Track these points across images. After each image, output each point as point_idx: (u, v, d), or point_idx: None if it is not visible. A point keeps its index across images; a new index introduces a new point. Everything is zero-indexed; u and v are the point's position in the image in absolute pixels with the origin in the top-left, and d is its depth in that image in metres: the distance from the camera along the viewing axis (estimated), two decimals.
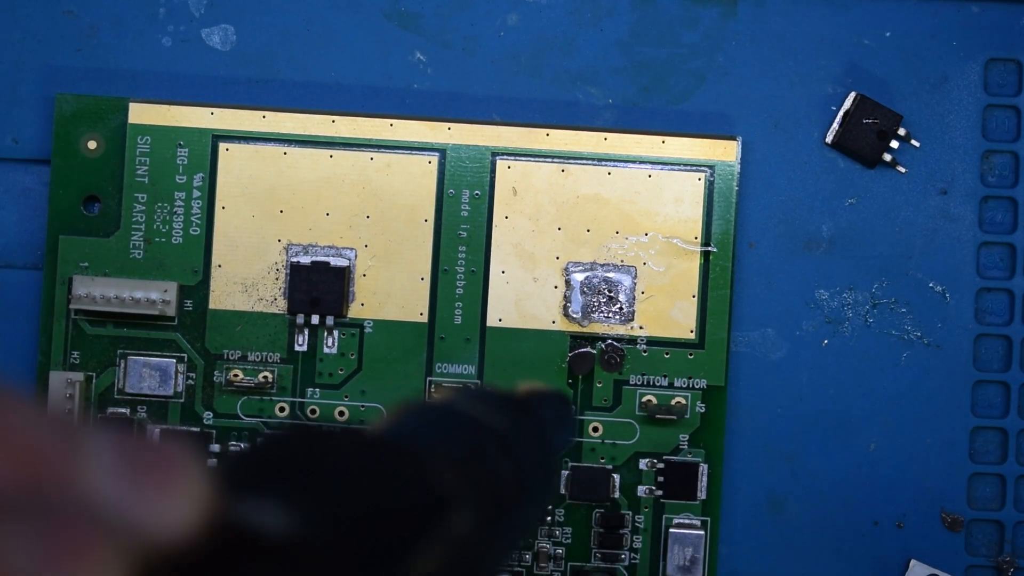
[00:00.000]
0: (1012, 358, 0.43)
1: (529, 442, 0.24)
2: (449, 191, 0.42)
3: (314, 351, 0.42)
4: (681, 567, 0.41)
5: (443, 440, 0.22)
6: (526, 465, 0.23)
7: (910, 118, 0.42)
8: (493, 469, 0.22)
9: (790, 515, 0.42)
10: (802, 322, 0.42)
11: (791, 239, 0.43)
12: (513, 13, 0.43)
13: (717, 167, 0.42)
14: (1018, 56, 0.43)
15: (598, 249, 0.41)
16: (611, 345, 0.41)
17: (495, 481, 0.22)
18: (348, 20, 0.43)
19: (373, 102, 0.43)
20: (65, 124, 0.42)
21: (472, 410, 0.23)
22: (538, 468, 0.25)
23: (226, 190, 0.42)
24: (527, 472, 0.23)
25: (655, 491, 0.42)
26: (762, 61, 0.43)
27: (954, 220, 0.43)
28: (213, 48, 0.43)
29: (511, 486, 0.22)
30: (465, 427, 0.23)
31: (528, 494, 0.23)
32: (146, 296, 0.41)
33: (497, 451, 0.23)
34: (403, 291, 0.42)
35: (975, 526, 0.43)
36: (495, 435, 0.23)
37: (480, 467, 0.22)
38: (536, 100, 0.43)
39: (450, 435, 0.22)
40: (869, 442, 0.42)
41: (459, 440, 0.22)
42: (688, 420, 0.42)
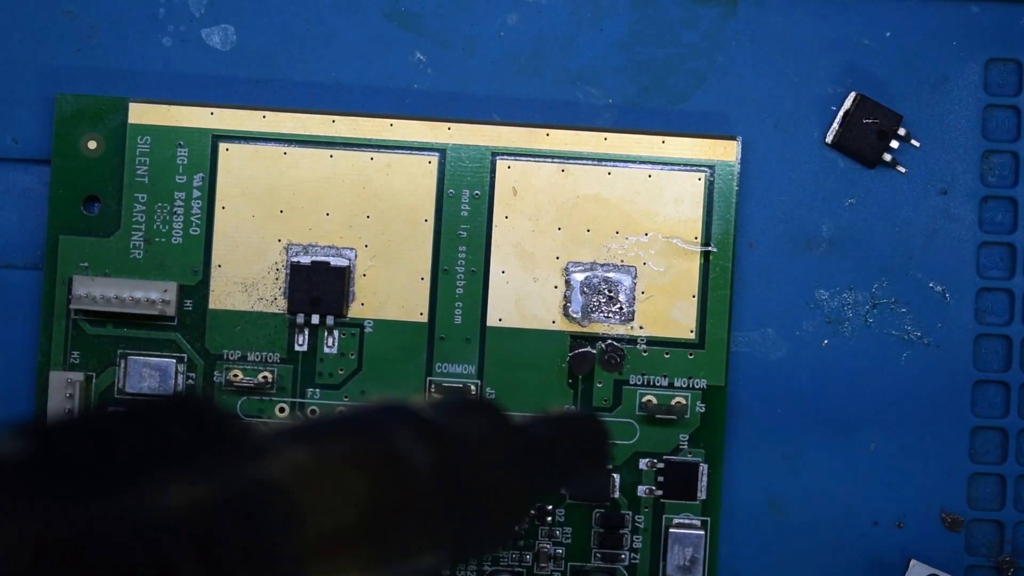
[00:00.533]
0: (1012, 358, 0.43)
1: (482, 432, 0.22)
2: (449, 191, 0.42)
3: (314, 351, 0.42)
4: (681, 567, 0.41)
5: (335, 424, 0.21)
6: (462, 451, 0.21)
7: (910, 118, 0.42)
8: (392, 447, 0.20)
9: (790, 515, 0.42)
10: (802, 322, 0.42)
11: (791, 239, 0.43)
12: (513, 13, 0.43)
13: (717, 167, 0.42)
14: (1018, 56, 0.43)
15: (598, 249, 0.41)
16: (611, 345, 0.41)
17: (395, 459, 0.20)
18: (348, 20, 0.43)
19: (373, 102, 0.43)
20: (65, 124, 0.42)
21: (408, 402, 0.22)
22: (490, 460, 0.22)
23: (226, 190, 0.42)
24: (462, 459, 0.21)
25: (655, 491, 0.42)
26: (762, 61, 0.43)
27: (954, 220, 0.43)
28: (213, 48, 0.43)
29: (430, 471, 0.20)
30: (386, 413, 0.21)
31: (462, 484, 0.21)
32: (146, 296, 0.41)
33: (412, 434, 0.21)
34: (403, 291, 0.42)
35: (975, 526, 0.43)
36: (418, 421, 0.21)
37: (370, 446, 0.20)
38: (536, 100, 0.43)
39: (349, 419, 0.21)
40: (869, 442, 0.42)
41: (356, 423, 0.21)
42: (688, 420, 0.42)
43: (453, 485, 0.21)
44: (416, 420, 0.21)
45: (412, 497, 0.20)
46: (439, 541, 0.21)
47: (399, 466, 0.20)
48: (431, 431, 0.21)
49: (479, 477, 0.21)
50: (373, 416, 0.21)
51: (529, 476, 0.24)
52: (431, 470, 0.20)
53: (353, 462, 0.19)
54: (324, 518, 0.18)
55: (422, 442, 0.20)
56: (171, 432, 0.17)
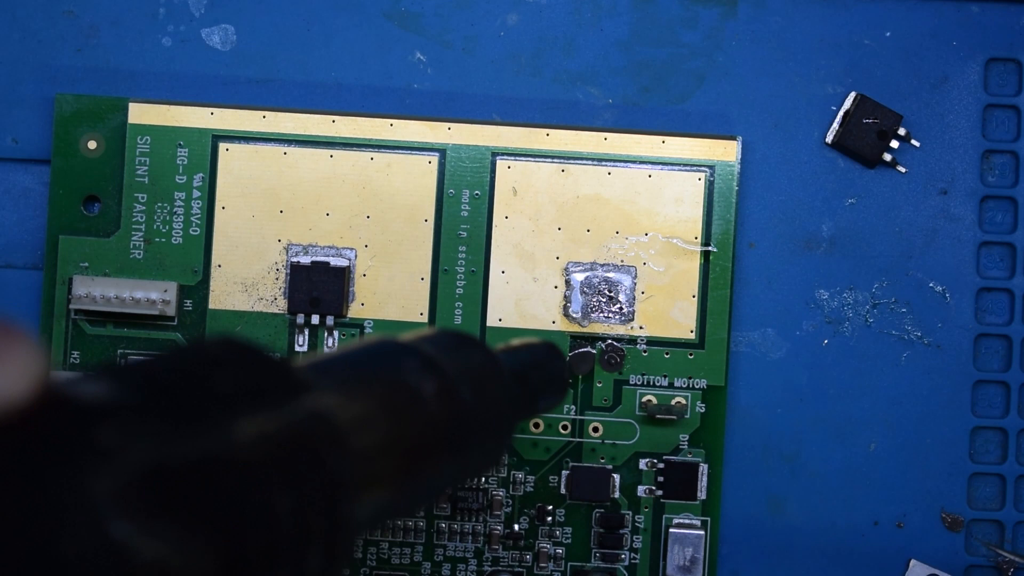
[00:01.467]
0: (1012, 358, 0.43)
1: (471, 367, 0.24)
2: (449, 191, 0.42)
3: (314, 351, 0.42)
4: (681, 567, 0.41)
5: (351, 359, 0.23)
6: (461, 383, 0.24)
7: (910, 118, 0.42)
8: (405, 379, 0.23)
9: (790, 515, 0.42)
10: (802, 322, 0.42)
11: (791, 239, 0.43)
12: (513, 13, 0.43)
13: (717, 167, 0.42)
14: (1018, 56, 0.43)
15: (598, 249, 0.41)
16: (611, 345, 0.41)
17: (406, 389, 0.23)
18: (348, 20, 0.43)
19: (373, 102, 0.43)
20: (65, 124, 0.42)
21: (405, 338, 0.24)
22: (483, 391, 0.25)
23: (226, 190, 0.42)
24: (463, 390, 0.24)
25: (655, 491, 0.42)
26: (762, 61, 0.43)
27: (954, 220, 0.43)
28: (213, 48, 0.43)
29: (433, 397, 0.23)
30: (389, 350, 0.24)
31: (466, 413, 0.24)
32: (146, 296, 0.41)
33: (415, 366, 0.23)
34: (403, 291, 0.42)
35: (975, 526, 0.43)
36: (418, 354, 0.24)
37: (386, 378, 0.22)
38: (536, 100, 0.43)
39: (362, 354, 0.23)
40: (869, 442, 0.42)
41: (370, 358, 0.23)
42: (688, 420, 0.42)
43: (455, 412, 0.23)
44: (420, 355, 0.23)
45: (422, 423, 0.23)
46: (448, 462, 0.24)
47: (409, 395, 0.23)
48: (433, 365, 0.23)
49: (476, 404, 0.24)
50: (385, 352, 0.23)
51: (515, 403, 0.27)
52: (436, 398, 0.23)
53: (373, 394, 0.22)
54: (359, 441, 0.21)
55: (427, 374, 0.23)
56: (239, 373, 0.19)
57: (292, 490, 0.18)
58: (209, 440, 0.17)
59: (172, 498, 0.17)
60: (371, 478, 0.21)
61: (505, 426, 0.26)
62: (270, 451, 0.18)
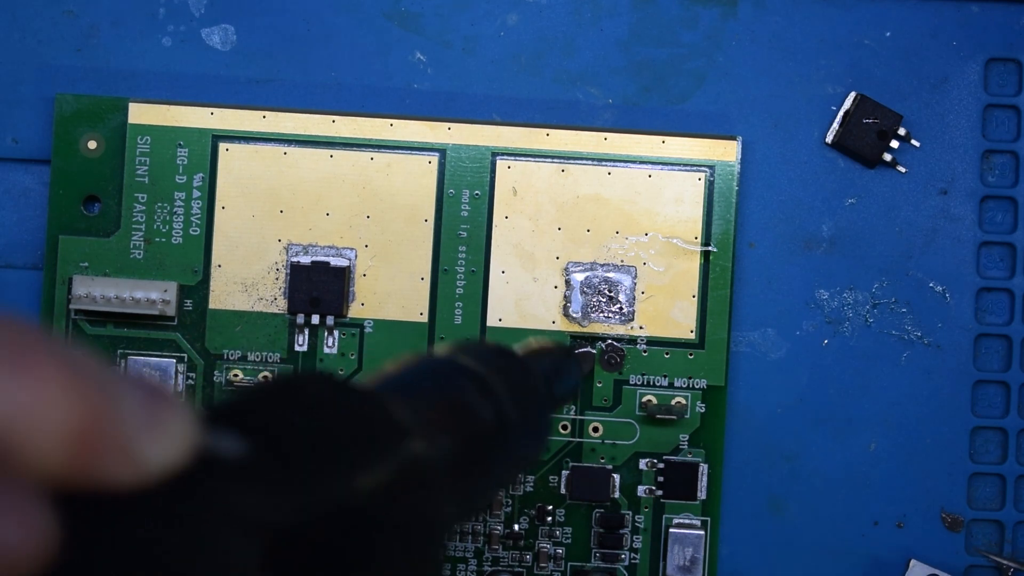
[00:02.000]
0: (1012, 358, 0.43)
1: (514, 385, 0.27)
2: (449, 191, 0.42)
3: (314, 351, 0.42)
4: (681, 567, 0.41)
5: (419, 384, 0.25)
6: (509, 405, 0.26)
7: (910, 118, 0.42)
8: (468, 405, 0.25)
9: (790, 515, 0.42)
10: (802, 322, 0.42)
11: (791, 239, 0.43)
12: (513, 13, 0.43)
13: (717, 167, 0.42)
14: (1018, 56, 0.43)
15: (598, 249, 0.41)
16: (611, 345, 0.41)
17: (470, 417, 0.25)
18: (348, 20, 0.43)
19: (373, 102, 0.43)
20: (65, 124, 0.42)
21: (457, 357, 0.26)
22: (526, 409, 0.27)
23: (226, 190, 0.42)
24: (511, 411, 0.26)
25: (655, 491, 0.42)
26: (762, 61, 0.43)
27: (954, 220, 0.43)
28: (213, 48, 0.43)
29: (491, 422, 0.25)
30: (443, 371, 0.26)
31: (513, 432, 0.26)
32: (146, 296, 0.41)
33: (473, 390, 0.25)
34: (403, 291, 0.42)
35: (975, 526, 0.43)
36: (475, 377, 0.26)
37: (451, 404, 0.25)
38: (536, 100, 0.43)
39: (427, 379, 0.25)
40: (869, 442, 0.42)
41: (434, 382, 0.25)
42: (688, 420, 0.42)
43: (505, 430, 0.26)
44: (477, 379, 0.26)
45: (482, 444, 0.25)
46: (498, 473, 0.26)
47: (474, 423, 0.25)
48: (488, 389, 0.26)
49: (520, 421, 0.26)
50: (449, 378, 0.26)
51: (548, 412, 0.30)
52: (492, 422, 0.25)
53: (449, 427, 0.24)
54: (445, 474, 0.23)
55: (484, 399, 0.25)
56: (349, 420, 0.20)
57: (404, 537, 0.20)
58: (340, 497, 0.19)
59: (313, 560, 0.18)
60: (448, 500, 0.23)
61: (545, 434, 0.29)
62: (389, 503, 0.20)
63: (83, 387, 0.14)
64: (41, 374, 0.14)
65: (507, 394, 0.26)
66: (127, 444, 0.15)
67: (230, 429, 0.18)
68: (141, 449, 0.15)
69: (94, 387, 0.15)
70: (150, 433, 0.16)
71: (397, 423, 0.22)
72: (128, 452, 0.15)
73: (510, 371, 0.27)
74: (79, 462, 0.14)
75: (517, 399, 0.26)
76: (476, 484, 0.25)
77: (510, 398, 0.26)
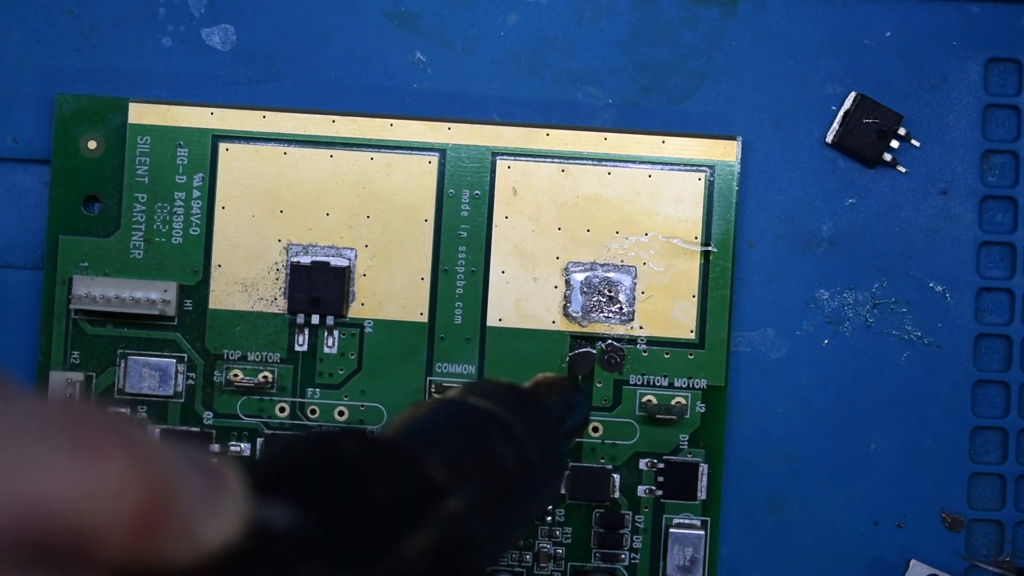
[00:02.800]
0: (1012, 358, 0.43)
1: (534, 428, 0.27)
2: (449, 191, 0.42)
3: (314, 351, 0.42)
4: (681, 567, 0.41)
5: (445, 434, 0.25)
6: (531, 448, 0.26)
7: (910, 118, 0.42)
8: (494, 453, 0.25)
9: (790, 515, 0.42)
10: (802, 322, 0.42)
11: (791, 239, 0.43)
12: (513, 13, 0.43)
13: (717, 167, 0.42)
14: (1018, 56, 0.43)
15: (598, 249, 0.41)
16: (611, 345, 0.41)
17: (495, 463, 0.25)
18: (348, 20, 0.43)
19: (373, 102, 0.43)
20: (65, 124, 0.42)
21: (475, 402, 0.26)
22: (545, 450, 0.27)
23: (226, 190, 0.42)
24: (532, 454, 0.26)
25: (655, 491, 0.42)
26: (762, 61, 0.43)
27: (954, 220, 0.43)
28: (213, 48, 0.43)
29: (515, 467, 0.25)
30: (466, 419, 0.26)
31: (535, 473, 0.26)
32: (146, 296, 0.41)
33: (498, 436, 0.26)
34: (403, 291, 0.42)
35: (975, 526, 0.43)
36: (496, 423, 0.26)
37: (479, 453, 0.25)
38: (536, 100, 0.43)
39: (452, 429, 0.25)
40: (869, 442, 0.42)
41: (460, 432, 0.25)
42: (688, 420, 0.42)
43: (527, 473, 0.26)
44: (501, 425, 0.26)
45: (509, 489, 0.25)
46: (527, 513, 0.27)
47: (502, 471, 0.25)
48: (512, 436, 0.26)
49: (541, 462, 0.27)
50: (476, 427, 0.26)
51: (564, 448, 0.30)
52: (516, 467, 0.26)
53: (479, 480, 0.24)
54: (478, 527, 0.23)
55: (509, 446, 0.26)
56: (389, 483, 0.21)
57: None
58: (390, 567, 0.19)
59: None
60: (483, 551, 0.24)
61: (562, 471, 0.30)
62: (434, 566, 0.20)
63: (147, 469, 0.14)
64: (107, 457, 0.14)
65: (528, 437, 0.26)
66: (187, 523, 0.15)
67: (278, 498, 0.18)
68: (201, 527, 0.15)
69: (157, 468, 0.14)
70: (209, 511, 0.15)
71: (434, 482, 0.22)
72: (188, 531, 0.15)
73: (528, 413, 0.27)
74: (143, 545, 0.14)
75: (537, 441, 0.27)
76: (504, 529, 0.26)
77: (531, 441, 0.26)
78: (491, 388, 0.28)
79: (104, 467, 0.14)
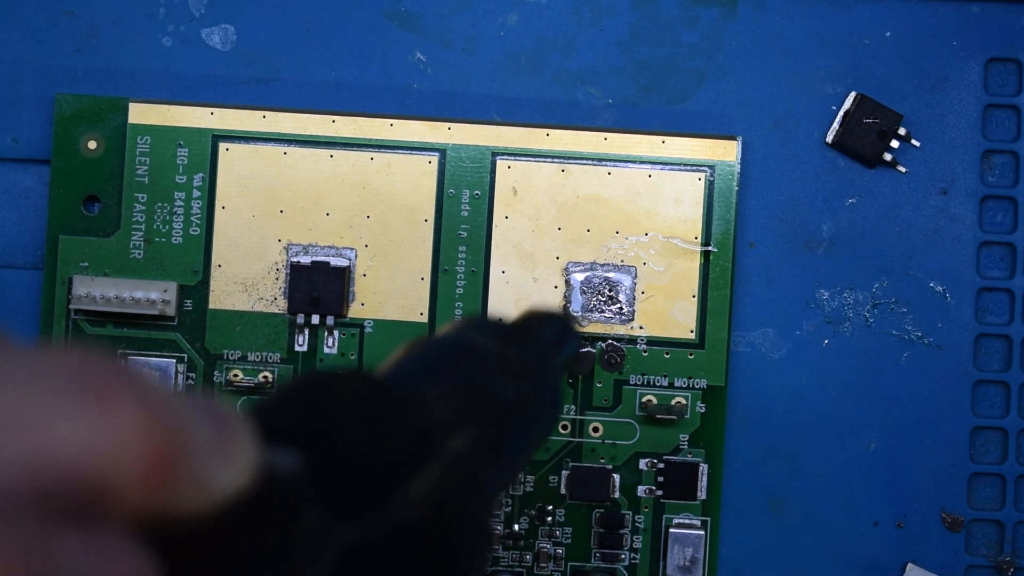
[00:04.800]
0: (1012, 358, 0.43)
1: (528, 359, 0.27)
2: (449, 191, 0.42)
3: (314, 351, 0.42)
4: (681, 567, 0.41)
5: (441, 371, 0.25)
6: (526, 380, 0.26)
7: (910, 118, 0.42)
8: (491, 389, 0.25)
9: (790, 515, 0.42)
10: (802, 322, 0.42)
11: (791, 239, 0.43)
12: (513, 13, 0.43)
13: (717, 167, 0.42)
14: (1018, 56, 0.43)
15: (598, 249, 0.41)
16: (611, 345, 0.41)
17: (494, 399, 0.25)
18: (348, 20, 0.43)
19: (373, 102, 0.43)
20: (65, 124, 0.42)
21: (469, 338, 0.26)
22: (540, 384, 0.27)
23: (226, 190, 0.42)
24: (528, 390, 0.26)
25: (655, 491, 0.42)
26: (762, 61, 0.43)
27: (954, 220, 0.43)
28: (213, 48, 0.43)
29: (513, 402, 0.25)
30: (462, 355, 0.26)
31: (531, 408, 0.26)
32: (146, 296, 0.41)
33: (495, 371, 0.26)
34: (403, 291, 0.42)
35: (975, 526, 0.42)
36: (492, 357, 0.26)
37: (478, 389, 0.25)
38: (536, 100, 0.43)
39: (448, 365, 0.25)
40: (869, 442, 0.42)
41: (457, 368, 0.25)
42: (688, 420, 0.42)
43: (525, 406, 0.26)
44: (498, 362, 0.26)
45: (509, 424, 0.25)
46: (525, 449, 0.27)
47: (501, 406, 0.25)
48: (508, 369, 0.26)
49: (540, 395, 0.27)
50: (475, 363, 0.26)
51: (560, 381, 0.30)
52: (515, 400, 0.26)
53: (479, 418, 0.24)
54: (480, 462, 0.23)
55: (507, 379, 0.26)
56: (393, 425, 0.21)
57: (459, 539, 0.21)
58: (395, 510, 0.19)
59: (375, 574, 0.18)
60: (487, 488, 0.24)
61: (557, 406, 0.30)
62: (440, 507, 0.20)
63: (159, 417, 0.14)
64: (119, 406, 0.14)
65: (524, 371, 0.26)
66: (200, 471, 0.15)
67: (282, 443, 0.18)
68: (213, 475, 0.15)
69: (169, 416, 0.14)
70: (220, 458, 0.15)
71: (436, 421, 0.22)
72: (201, 478, 0.15)
73: (524, 347, 0.27)
74: (157, 494, 0.14)
75: (532, 375, 0.27)
76: (506, 467, 0.25)
77: (527, 375, 0.26)
78: (484, 324, 0.28)
79: (117, 416, 0.14)
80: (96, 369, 0.14)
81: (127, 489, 0.14)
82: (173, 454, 0.14)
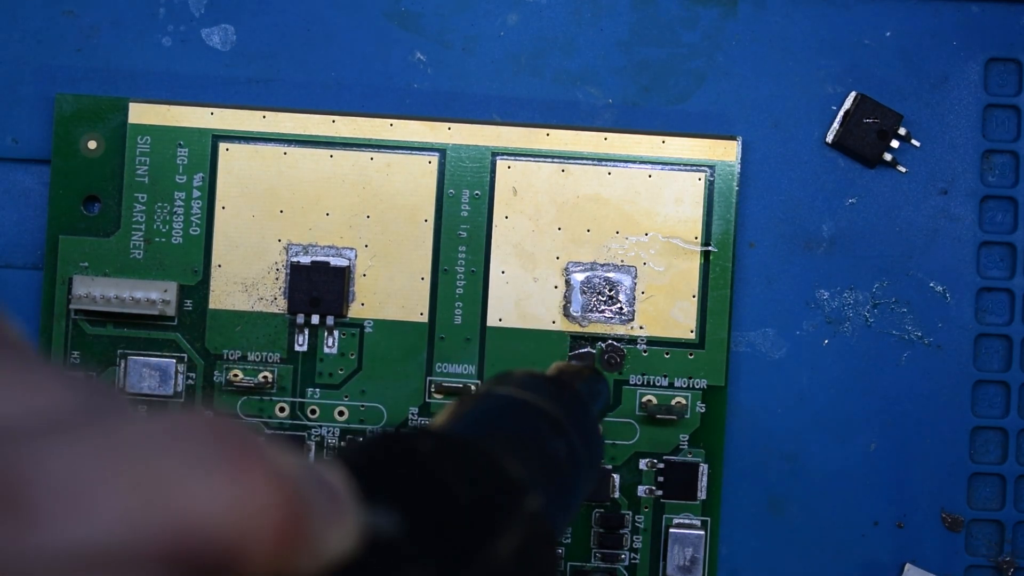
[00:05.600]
0: (1012, 358, 0.43)
1: (575, 417, 0.27)
2: (449, 191, 0.42)
3: (314, 351, 0.42)
4: (681, 567, 0.41)
5: (501, 428, 0.25)
6: (576, 439, 0.27)
7: (910, 118, 0.42)
8: (550, 448, 0.26)
9: (790, 515, 0.42)
10: (802, 322, 0.42)
11: (791, 239, 0.43)
12: (513, 13, 0.43)
13: (717, 167, 0.42)
14: (1018, 56, 0.43)
15: (598, 249, 0.41)
16: (611, 345, 0.41)
17: (553, 459, 0.26)
18: (348, 20, 0.43)
19: (373, 102, 0.43)
20: (65, 124, 0.42)
21: (518, 395, 0.27)
22: (586, 439, 0.28)
23: (226, 190, 0.42)
24: (577, 445, 0.27)
25: (655, 491, 0.42)
26: (762, 61, 0.43)
27: (954, 220, 0.43)
28: (213, 48, 0.43)
29: (566, 461, 0.26)
30: (517, 413, 0.26)
31: (580, 465, 0.27)
32: (146, 296, 0.41)
33: (550, 431, 0.26)
34: (403, 291, 0.42)
35: (975, 526, 0.43)
36: (547, 417, 0.26)
37: (539, 449, 0.25)
38: (536, 100, 0.43)
39: (505, 423, 0.26)
40: (869, 442, 0.42)
41: (514, 426, 0.26)
42: (688, 420, 0.42)
43: (575, 463, 0.27)
44: (551, 420, 0.27)
45: (564, 483, 0.26)
46: (576, 508, 0.27)
47: (555, 464, 0.26)
48: (560, 428, 0.27)
49: (585, 452, 0.27)
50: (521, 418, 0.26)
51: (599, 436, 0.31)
52: (567, 458, 0.26)
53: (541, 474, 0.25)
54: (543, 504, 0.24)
55: (559, 439, 0.26)
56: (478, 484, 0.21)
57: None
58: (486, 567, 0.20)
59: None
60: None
61: (600, 458, 0.31)
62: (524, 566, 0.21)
63: (287, 485, 0.14)
64: (252, 474, 0.14)
65: (575, 431, 0.27)
66: (316, 537, 0.15)
67: (379, 505, 0.18)
68: (326, 539, 0.15)
69: (295, 483, 0.14)
70: (332, 522, 0.16)
71: (516, 480, 0.22)
72: (316, 545, 0.15)
73: (572, 406, 0.28)
74: (284, 559, 0.14)
75: (578, 430, 0.27)
76: (563, 519, 0.26)
77: (574, 430, 0.27)
78: (526, 379, 0.28)
79: (252, 483, 0.14)
80: (229, 434, 0.14)
81: (258, 555, 0.14)
82: (301, 520, 0.14)
